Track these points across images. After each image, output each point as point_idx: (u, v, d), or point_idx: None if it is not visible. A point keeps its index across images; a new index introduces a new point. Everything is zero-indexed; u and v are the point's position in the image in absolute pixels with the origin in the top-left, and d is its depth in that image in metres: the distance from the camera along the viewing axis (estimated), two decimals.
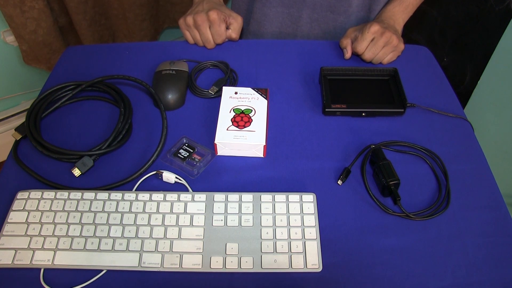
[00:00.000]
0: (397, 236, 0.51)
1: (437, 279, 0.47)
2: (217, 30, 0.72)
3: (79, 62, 0.73)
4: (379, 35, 0.69)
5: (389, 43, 0.70)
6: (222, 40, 0.74)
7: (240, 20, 0.75)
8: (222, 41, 0.75)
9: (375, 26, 0.69)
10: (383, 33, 0.69)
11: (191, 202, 0.52)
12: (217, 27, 0.72)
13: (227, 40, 0.76)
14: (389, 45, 0.70)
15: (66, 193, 0.52)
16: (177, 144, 0.59)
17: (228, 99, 0.61)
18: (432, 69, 0.73)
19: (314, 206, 0.52)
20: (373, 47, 0.70)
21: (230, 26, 0.74)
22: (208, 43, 0.74)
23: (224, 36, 0.74)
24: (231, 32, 0.74)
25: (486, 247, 0.50)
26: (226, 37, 0.75)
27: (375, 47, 0.70)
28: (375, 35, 0.69)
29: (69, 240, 0.48)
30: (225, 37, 0.75)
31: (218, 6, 0.75)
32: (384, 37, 0.69)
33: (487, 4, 1.05)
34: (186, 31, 0.75)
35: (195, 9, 0.75)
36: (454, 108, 0.66)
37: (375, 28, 0.69)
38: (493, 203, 0.54)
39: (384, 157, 0.56)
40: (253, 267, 0.47)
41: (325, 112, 0.64)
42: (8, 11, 1.06)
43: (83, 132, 0.61)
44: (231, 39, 0.76)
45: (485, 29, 1.09)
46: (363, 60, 0.72)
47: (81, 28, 1.22)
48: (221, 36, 0.73)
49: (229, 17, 0.74)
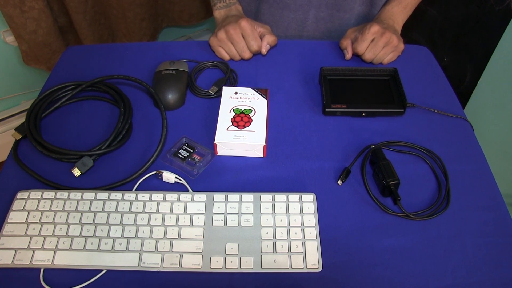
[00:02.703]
0: (397, 236, 0.51)
1: (437, 279, 0.47)
2: (251, 36, 0.70)
3: (79, 62, 0.73)
4: (379, 35, 0.69)
5: (389, 43, 0.70)
6: (258, 46, 0.71)
7: (269, 27, 0.74)
8: (258, 47, 0.71)
9: (375, 26, 0.69)
10: (383, 33, 0.69)
11: (191, 202, 0.52)
12: (250, 33, 0.70)
13: (268, 46, 0.72)
14: (389, 45, 0.70)
15: (66, 193, 0.52)
16: (177, 144, 0.59)
17: (228, 99, 0.61)
18: (432, 69, 0.73)
19: (314, 206, 0.52)
20: (373, 47, 0.70)
21: (262, 34, 0.72)
22: (245, 52, 0.71)
23: (259, 42, 0.71)
24: (267, 37, 0.71)
25: (486, 247, 0.50)
26: (261, 45, 0.72)
27: (376, 47, 0.70)
28: (375, 35, 0.69)
29: (69, 240, 0.48)
30: (260, 43, 0.71)
31: (245, 16, 0.74)
32: (384, 37, 0.69)
33: (487, 4, 1.05)
34: (219, 48, 0.72)
35: (222, 24, 0.73)
36: (454, 108, 0.66)
37: (375, 29, 0.69)
38: (493, 203, 0.54)
39: (384, 157, 0.56)
40: (253, 267, 0.47)
41: (325, 112, 0.64)
42: (8, 11, 1.06)
43: (83, 132, 0.61)
44: (270, 43, 0.72)
45: (485, 29, 1.09)
46: (364, 61, 0.72)
47: (81, 28, 1.22)
48: (256, 41, 0.70)
49: (258, 26, 0.73)
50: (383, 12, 0.77)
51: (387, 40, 0.69)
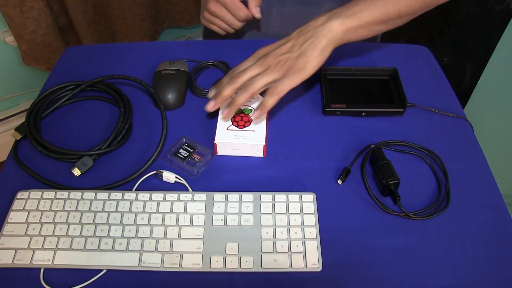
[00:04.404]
0: (397, 235, 0.51)
1: (437, 279, 0.47)
2: (232, 7, 0.64)
3: (79, 62, 0.73)
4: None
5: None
6: (244, 13, 0.65)
7: None
8: (245, 15, 0.65)
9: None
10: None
11: (191, 202, 0.52)
12: (230, 4, 0.64)
13: (258, 8, 0.66)
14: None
15: (66, 193, 0.52)
16: (177, 144, 0.59)
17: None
18: (432, 69, 0.73)
19: (314, 205, 0.52)
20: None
21: (249, 3, 0.65)
22: (233, 24, 0.67)
23: (244, 9, 0.65)
24: (254, 11, 0.65)
25: (486, 247, 0.50)
26: (248, 13, 0.66)
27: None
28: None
29: (69, 240, 0.48)
30: (246, 10, 0.65)
31: None
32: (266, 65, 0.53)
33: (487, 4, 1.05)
34: (212, 25, 0.70)
35: (205, 2, 0.69)
36: (454, 108, 0.66)
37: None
38: (493, 203, 0.54)
39: (384, 157, 0.56)
40: (253, 266, 0.47)
41: (325, 112, 0.64)
42: (8, 11, 1.06)
43: (83, 132, 0.61)
44: (257, 4, 0.65)
45: (485, 29, 1.09)
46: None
47: (81, 28, 1.22)
48: (240, 9, 0.64)
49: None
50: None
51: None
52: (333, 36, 0.52)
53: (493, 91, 1.14)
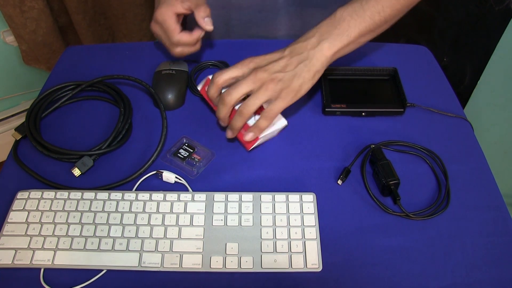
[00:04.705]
0: (397, 235, 0.51)
1: (437, 279, 0.47)
2: (169, 28, 0.57)
3: (79, 62, 0.73)
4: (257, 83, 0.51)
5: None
6: (178, 39, 0.58)
7: (201, 5, 0.58)
8: (179, 41, 0.58)
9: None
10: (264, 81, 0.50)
11: (191, 202, 0.52)
12: (168, 27, 0.57)
13: (208, 19, 0.58)
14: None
15: (66, 193, 0.52)
16: (177, 144, 0.59)
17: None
18: (432, 69, 0.73)
19: (314, 205, 0.52)
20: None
21: (196, 16, 0.58)
22: (171, 51, 0.60)
23: (180, 35, 0.58)
24: (202, 23, 0.58)
25: (486, 247, 0.50)
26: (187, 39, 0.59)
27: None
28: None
29: (69, 240, 0.48)
30: (181, 37, 0.58)
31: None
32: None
33: (487, 4, 1.05)
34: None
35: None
36: (454, 108, 0.66)
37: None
38: (493, 203, 0.54)
39: (384, 157, 0.56)
40: (253, 267, 0.47)
41: (325, 112, 0.64)
42: (8, 11, 1.06)
43: (83, 132, 0.61)
44: (205, 29, 0.59)
45: (485, 29, 1.09)
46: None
47: (80, 28, 1.22)
48: (174, 32, 0.57)
49: (188, 7, 0.58)
50: (314, 28, 0.53)
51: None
52: (325, 60, 0.52)
53: (493, 91, 1.14)
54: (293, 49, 0.52)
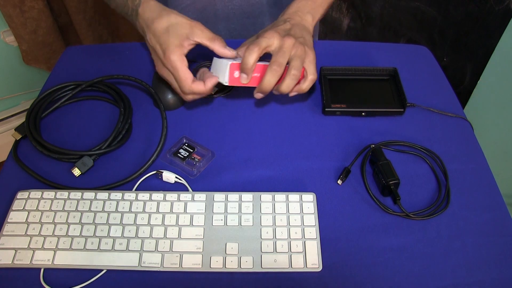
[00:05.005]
0: (397, 235, 0.51)
1: (437, 279, 0.47)
2: (181, 76, 0.53)
3: (79, 62, 0.73)
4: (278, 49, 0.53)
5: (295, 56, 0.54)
6: (190, 90, 0.54)
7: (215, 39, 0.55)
8: (199, 90, 0.55)
9: (271, 36, 0.53)
10: (286, 44, 0.53)
11: (191, 201, 0.52)
12: (180, 75, 0.53)
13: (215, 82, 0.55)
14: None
15: (66, 193, 0.52)
16: (177, 144, 0.59)
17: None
18: (432, 69, 0.73)
19: (314, 205, 0.52)
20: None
21: (215, 50, 0.55)
22: (183, 98, 0.58)
23: (193, 85, 0.54)
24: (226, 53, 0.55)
25: (486, 247, 0.50)
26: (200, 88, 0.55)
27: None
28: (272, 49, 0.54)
29: (69, 240, 0.48)
30: (194, 87, 0.54)
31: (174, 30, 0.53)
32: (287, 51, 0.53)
33: (487, 4, 1.06)
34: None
35: (153, 56, 0.57)
36: (454, 108, 0.66)
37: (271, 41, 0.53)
38: (493, 203, 0.54)
39: (384, 157, 0.56)
40: (253, 266, 0.47)
41: (325, 112, 0.64)
42: (8, 11, 1.06)
43: (83, 132, 0.61)
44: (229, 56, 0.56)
45: (485, 29, 1.09)
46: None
47: (81, 28, 1.22)
48: (185, 84, 0.54)
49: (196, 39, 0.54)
50: (289, 7, 0.61)
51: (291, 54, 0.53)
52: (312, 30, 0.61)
53: (493, 91, 1.14)
54: (291, 26, 0.58)
